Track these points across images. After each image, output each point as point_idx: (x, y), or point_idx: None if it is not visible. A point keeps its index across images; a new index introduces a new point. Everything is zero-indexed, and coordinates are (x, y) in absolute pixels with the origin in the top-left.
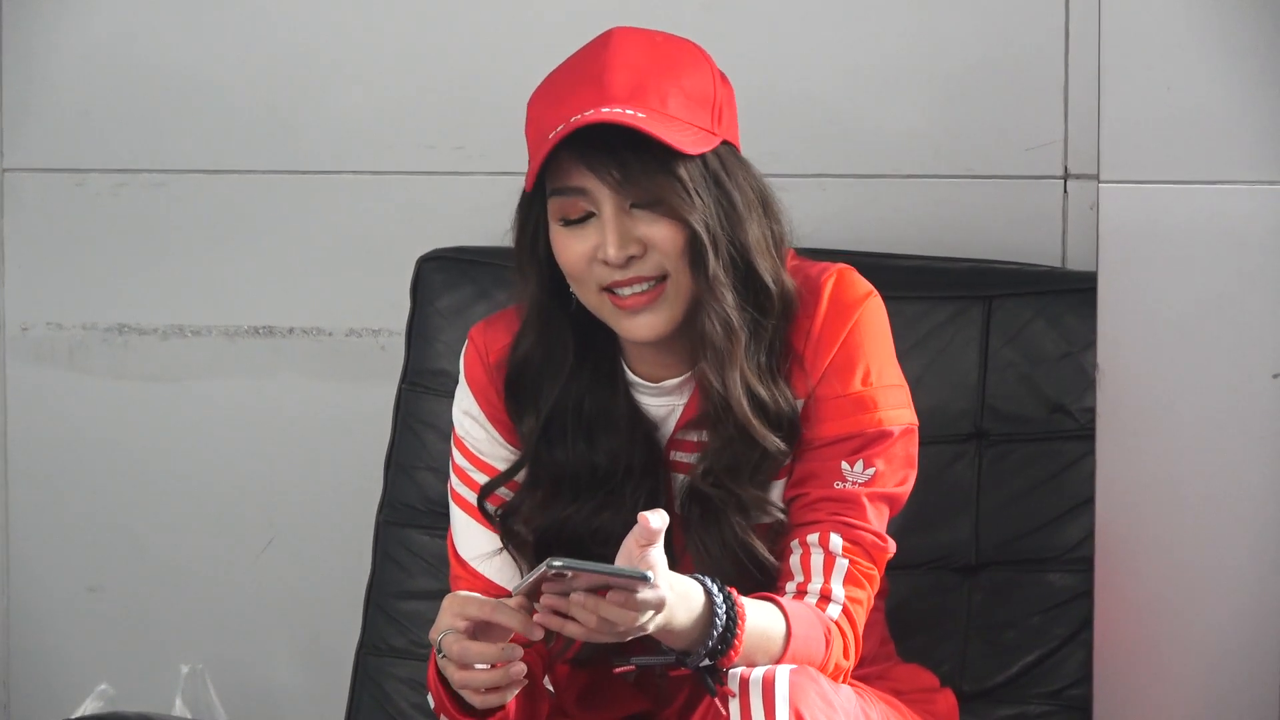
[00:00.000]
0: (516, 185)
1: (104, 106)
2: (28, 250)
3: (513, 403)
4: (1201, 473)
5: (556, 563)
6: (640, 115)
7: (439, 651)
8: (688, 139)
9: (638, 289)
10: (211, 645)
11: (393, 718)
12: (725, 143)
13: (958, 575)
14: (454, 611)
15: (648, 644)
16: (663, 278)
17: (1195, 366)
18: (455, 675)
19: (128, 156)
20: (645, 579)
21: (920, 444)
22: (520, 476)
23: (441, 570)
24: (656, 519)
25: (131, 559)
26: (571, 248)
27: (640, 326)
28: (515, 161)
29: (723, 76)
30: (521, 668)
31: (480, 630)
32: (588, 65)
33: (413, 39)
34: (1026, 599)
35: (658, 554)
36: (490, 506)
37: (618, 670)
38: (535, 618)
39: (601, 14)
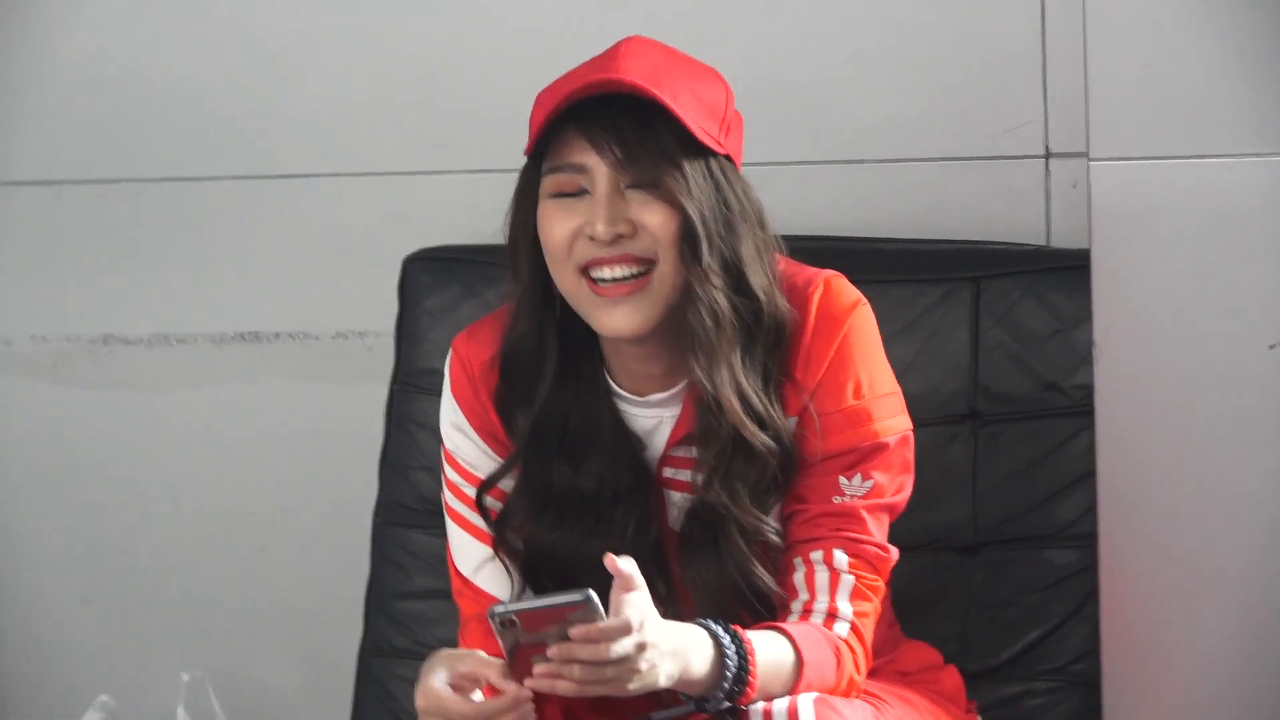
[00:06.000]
0: (498, 182)
1: (80, 117)
2: (8, 264)
3: (507, 392)
4: (1201, 446)
5: (498, 609)
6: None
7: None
8: (697, 128)
9: (620, 273)
10: (210, 653)
11: (398, 717)
12: (729, 158)
13: (957, 555)
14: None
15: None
16: (648, 267)
17: (1192, 340)
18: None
19: (105, 167)
20: (585, 601)
21: (915, 426)
22: (513, 485)
23: (440, 569)
24: (624, 563)
25: (124, 569)
26: (560, 222)
27: (618, 319)
28: (497, 159)
29: (734, 106)
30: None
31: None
32: (600, 58)
33: (389, 38)
34: (1026, 576)
35: (638, 599)
36: (489, 501)
37: None
38: (527, 683)
39: (583, 7)
